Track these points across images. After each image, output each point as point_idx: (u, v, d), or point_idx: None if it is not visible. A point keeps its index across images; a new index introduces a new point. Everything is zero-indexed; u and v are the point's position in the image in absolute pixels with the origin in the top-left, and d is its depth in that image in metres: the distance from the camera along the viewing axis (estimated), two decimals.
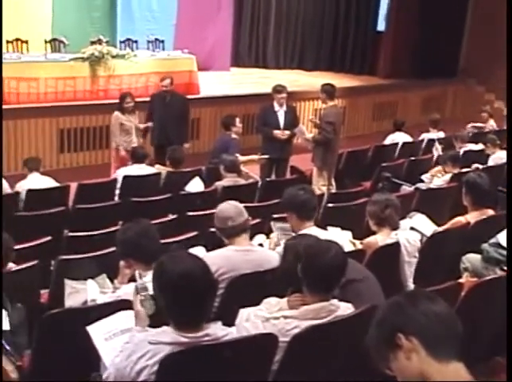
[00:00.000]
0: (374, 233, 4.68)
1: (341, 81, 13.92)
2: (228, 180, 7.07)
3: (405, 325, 1.99)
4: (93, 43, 10.68)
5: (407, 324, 1.99)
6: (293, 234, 4.54)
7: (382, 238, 4.58)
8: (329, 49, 16.05)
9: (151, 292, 2.91)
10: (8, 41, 10.89)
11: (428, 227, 5.29)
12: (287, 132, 8.61)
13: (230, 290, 3.87)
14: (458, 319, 2.03)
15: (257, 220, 5.18)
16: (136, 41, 12.09)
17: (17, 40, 11.04)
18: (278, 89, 8.74)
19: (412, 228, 5.05)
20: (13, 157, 9.44)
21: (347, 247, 4.47)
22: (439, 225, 5.40)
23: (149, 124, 9.04)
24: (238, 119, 8.47)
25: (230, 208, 4.18)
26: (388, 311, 2.07)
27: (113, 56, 10.58)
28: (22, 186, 6.82)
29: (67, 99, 10.19)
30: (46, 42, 11.39)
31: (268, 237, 4.85)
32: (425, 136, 9.98)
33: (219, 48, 14.48)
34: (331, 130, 8.26)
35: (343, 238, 4.68)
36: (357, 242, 4.75)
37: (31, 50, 11.08)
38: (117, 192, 7.22)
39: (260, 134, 9.15)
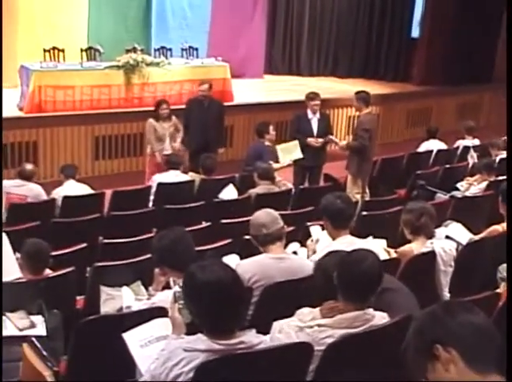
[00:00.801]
0: (409, 242, 4.65)
1: (374, 88, 13.86)
2: (262, 187, 7.08)
3: (443, 336, 1.97)
4: (128, 51, 10.77)
5: (445, 335, 1.97)
6: (331, 239, 4.54)
7: (417, 247, 4.54)
8: (363, 56, 15.98)
9: None
10: (45, 50, 11.01)
11: (463, 235, 5.24)
12: (320, 140, 8.60)
13: (265, 298, 3.87)
14: (496, 330, 2.00)
15: (291, 228, 5.17)
16: (170, 49, 12.15)
17: (54, 48, 11.16)
18: (311, 96, 8.74)
19: (447, 237, 5.00)
20: (49, 164, 9.56)
21: (382, 255, 4.44)
22: (475, 234, 5.33)
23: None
24: (271, 127, 8.48)
25: (264, 215, 4.17)
26: (425, 322, 2.06)
27: (147, 64, 10.66)
28: (58, 193, 6.91)
29: (102, 106, 10.29)
30: (82, 51, 11.50)
31: (302, 245, 4.85)
32: (460, 143, 9.88)
33: (253, 56, 14.52)
34: (367, 137, 8.20)
35: (377, 246, 4.65)
36: (391, 250, 4.72)
37: (67, 59, 11.19)
38: (151, 198, 7.28)
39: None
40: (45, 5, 11.94)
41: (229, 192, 7.14)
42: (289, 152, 8.33)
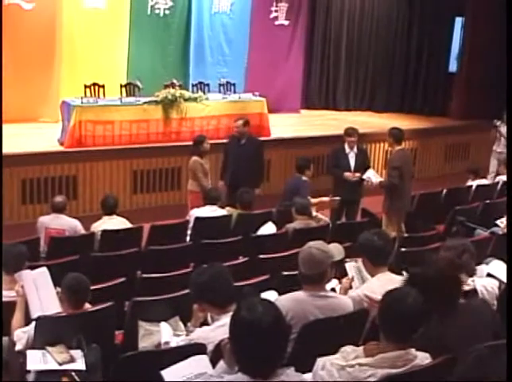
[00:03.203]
0: None
1: (412, 122, 13.86)
2: (299, 222, 7.06)
3: (488, 378, 1.94)
4: (166, 86, 10.92)
5: (490, 376, 1.94)
6: (368, 276, 4.50)
7: None
8: (400, 90, 15.98)
9: None
10: (86, 86, 11.24)
11: (506, 273, 5.14)
12: (357, 174, 8.59)
13: (303, 335, 3.83)
14: None
15: None
16: (208, 84, 12.29)
17: (95, 84, 11.38)
18: (349, 132, 8.77)
19: (489, 275, 4.92)
20: (88, 198, 9.67)
21: None
22: None
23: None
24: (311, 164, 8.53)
25: (308, 255, 4.08)
26: (470, 364, 2.02)
27: (185, 99, 10.78)
28: (97, 227, 6.97)
29: (140, 141, 10.41)
30: (121, 86, 11.71)
31: (340, 282, 4.81)
32: (500, 178, 9.78)
33: (290, 90, 14.61)
34: (396, 175, 8.20)
35: None
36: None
37: (107, 94, 11.39)
38: (188, 232, 7.31)
39: (331, 176, 9.14)
40: (87, 43, 12.20)
41: (268, 230, 7.13)
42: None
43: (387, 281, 4.25)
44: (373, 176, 8.61)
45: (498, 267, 5.16)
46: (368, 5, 15.64)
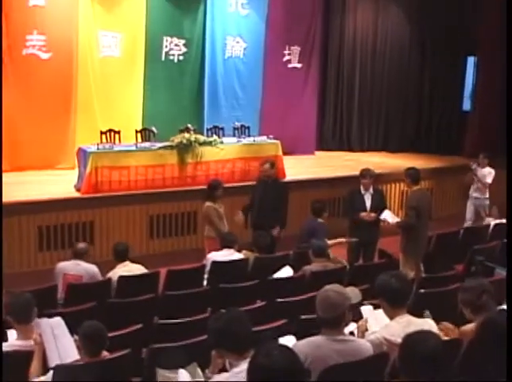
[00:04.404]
0: (469, 321, 4.52)
1: (426, 162, 13.84)
2: (317, 264, 7.03)
3: None
4: (181, 131, 10.99)
5: None
6: (387, 319, 4.44)
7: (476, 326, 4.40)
8: (414, 130, 16.02)
9: None
10: (102, 132, 11.36)
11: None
12: (373, 214, 8.57)
13: (323, 380, 3.78)
14: None
15: None
16: (222, 128, 12.38)
17: (110, 131, 11.51)
18: (363, 174, 8.80)
19: None
20: (105, 243, 9.69)
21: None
22: None
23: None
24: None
25: (323, 299, 4.04)
26: None
27: (200, 144, 10.84)
28: (114, 273, 6.96)
29: (156, 186, 10.45)
30: (137, 132, 11.83)
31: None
32: (500, 221, 9.70)
33: (304, 132, 14.70)
34: (413, 214, 8.19)
35: (436, 325, 4.55)
36: (448, 324, 4.59)
37: (123, 140, 11.50)
38: (205, 276, 7.29)
39: (347, 218, 9.12)
40: (102, 90, 12.36)
41: (285, 273, 7.09)
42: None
43: (406, 323, 4.20)
44: (389, 216, 8.58)
45: None
46: (380, 46, 15.79)
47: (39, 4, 11.45)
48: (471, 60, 15.63)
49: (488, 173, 11.40)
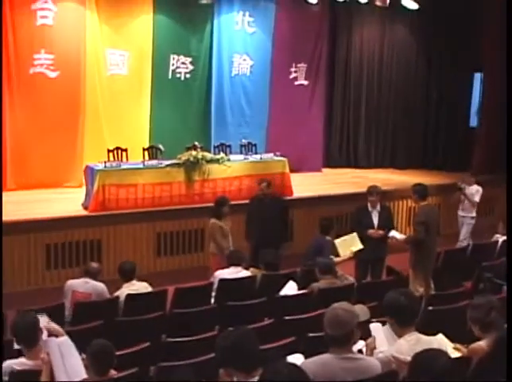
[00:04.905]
0: (478, 339, 4.50)
1: (433, 178, 13.81)
2: (324, 282, 7.02)
3: None
4: (188, 149, 11.01)
5: None
6: (396, 337, 4.42)
7: (487, 344, 4.38)
8: (420, 147, 16.02)
9: None
10: (109, 150, 11.41)
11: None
12: (381, 231, 8.56)
13: None
14: None
15: None
16: (229, 146, 12.42)
17: (118, 148, 11.56)
18: (370, 192, 8.80)
19: None
20: (112, 261, 9.67)
21: (451, 352, 4.30)
22: None
23: None
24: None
25: (331, 316, 4.02)
26: None
27: (207, 161, 10.86)
28: (121, 292, 6.94)
29: (163, 203, 10.45)
30: (144, 150, 11.87)
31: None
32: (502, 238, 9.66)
33: (311, 149, 14.71)
34: (422, 229, 8.17)
35: (445, 343, 4.52)
36: (461, 347, 4.56)
37: (130, 158, 11.54)
38: (213, 294, 7.28)
39: None
40: (110, 108, 12.43)
41: (289, 289, 7.08)
42: (349, 245, 8.31)
43: (415, 341, 4.17)
44: (397, 234, 8.60)
45: None
46: (386, 63, 15.83)
47: (47, 23, 11.56)
48: (477, 77, 15.64)
49: (476, 192, 11.42)
